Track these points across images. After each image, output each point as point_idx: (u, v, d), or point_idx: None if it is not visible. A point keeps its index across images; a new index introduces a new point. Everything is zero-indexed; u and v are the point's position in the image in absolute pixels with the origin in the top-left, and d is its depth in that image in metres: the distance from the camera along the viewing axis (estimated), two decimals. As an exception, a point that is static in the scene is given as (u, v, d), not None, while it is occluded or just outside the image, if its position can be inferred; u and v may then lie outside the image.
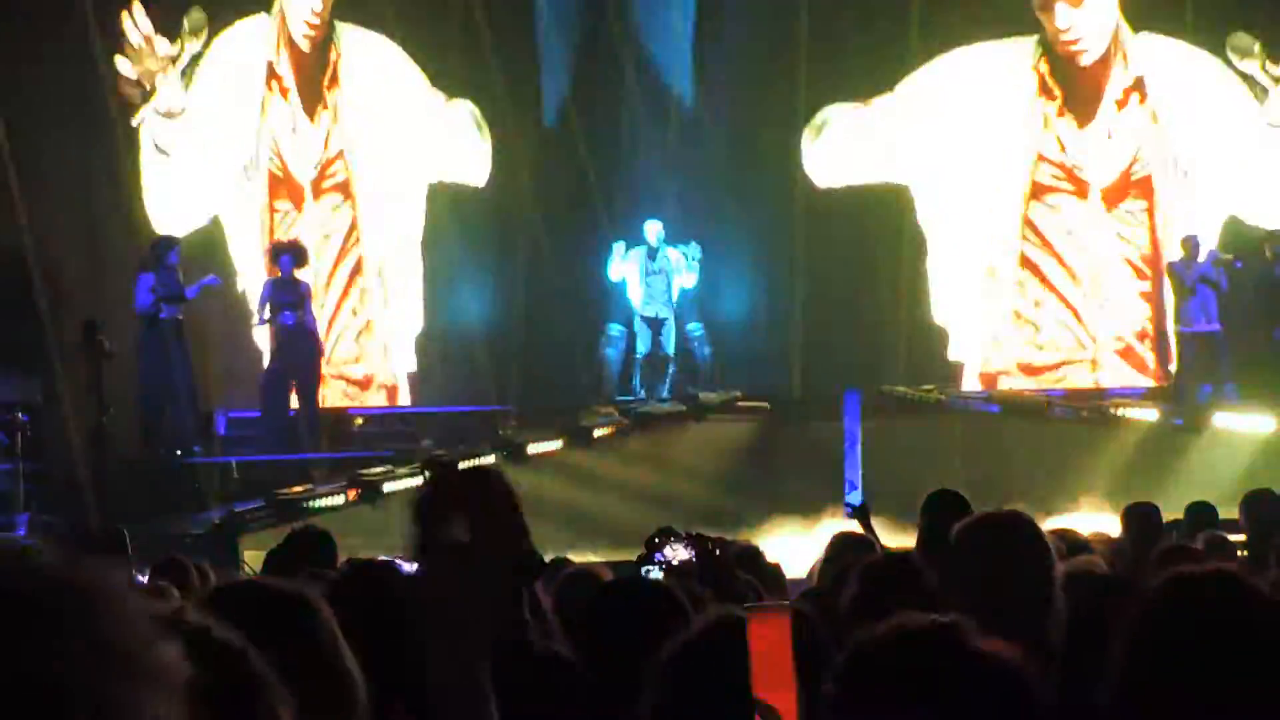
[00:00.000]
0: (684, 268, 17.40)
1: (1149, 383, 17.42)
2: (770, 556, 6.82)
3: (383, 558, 4.22)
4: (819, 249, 17.84)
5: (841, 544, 6.28)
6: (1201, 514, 8.90)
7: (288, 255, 16.06)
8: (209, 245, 16.61)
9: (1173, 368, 16.99)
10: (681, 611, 3.72)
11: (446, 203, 18.01)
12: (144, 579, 7.11)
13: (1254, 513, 8.48)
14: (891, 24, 17.78)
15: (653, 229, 17.49)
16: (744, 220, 18.40)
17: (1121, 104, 17.66)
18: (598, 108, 18.61)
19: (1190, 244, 16.14)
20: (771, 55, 18.18)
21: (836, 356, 17.53)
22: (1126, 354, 17.64)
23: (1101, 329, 17.65)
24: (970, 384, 17.76)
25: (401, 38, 17.83)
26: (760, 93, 18.30)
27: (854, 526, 7.14)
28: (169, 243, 15.55)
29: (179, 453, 15.59)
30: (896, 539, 8.13)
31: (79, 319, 14.51)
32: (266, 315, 15.98)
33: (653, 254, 17.42)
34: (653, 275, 17.35)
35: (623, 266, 17.44)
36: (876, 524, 7.68)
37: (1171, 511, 9.21)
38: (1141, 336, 17.60)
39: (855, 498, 5.58)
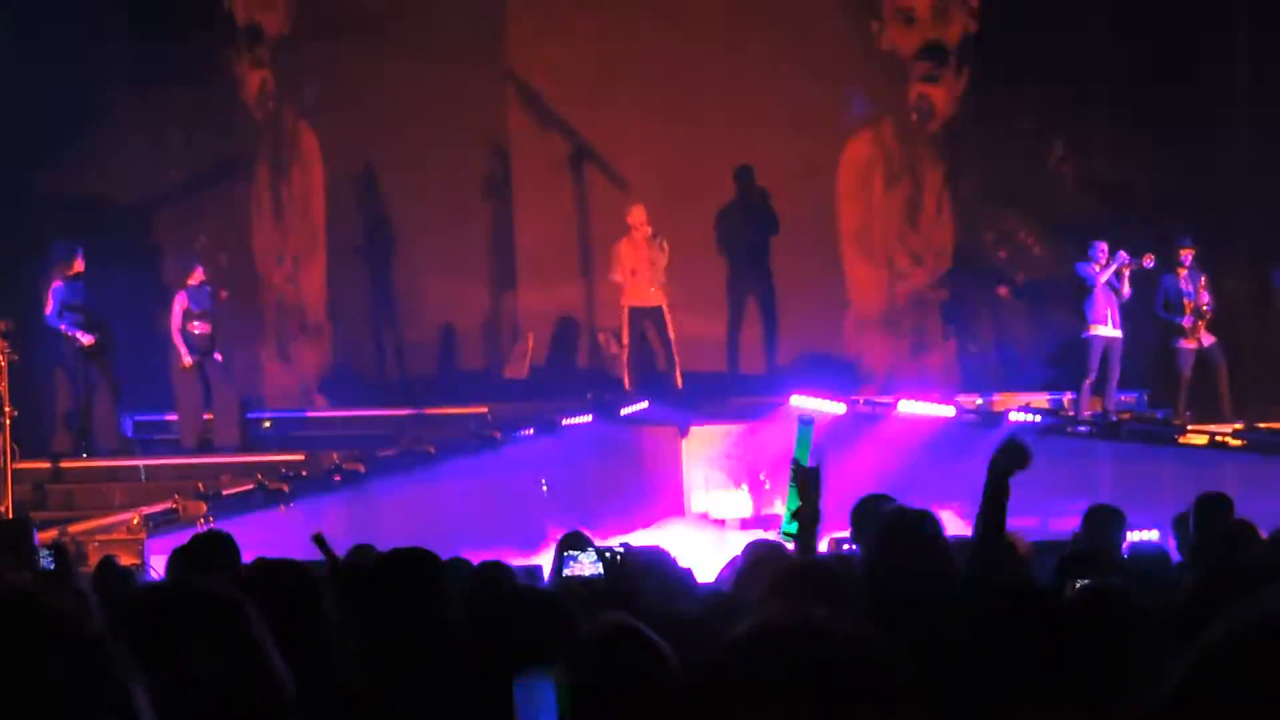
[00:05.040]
0: None
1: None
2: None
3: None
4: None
5: (757, 550, 6.25)
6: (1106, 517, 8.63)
7: (200, 262, 15.91)
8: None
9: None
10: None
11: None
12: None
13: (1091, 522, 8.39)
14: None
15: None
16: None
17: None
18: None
19: (1094, 249, 16.11)
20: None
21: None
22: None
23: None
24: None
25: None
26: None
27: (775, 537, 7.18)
28: (70, 250, 15.24)
29: (85, 455, 15.41)
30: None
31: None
32: (195, 327, 15.52)
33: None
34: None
35: None
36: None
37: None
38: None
39: (791, 525, 5.62)
